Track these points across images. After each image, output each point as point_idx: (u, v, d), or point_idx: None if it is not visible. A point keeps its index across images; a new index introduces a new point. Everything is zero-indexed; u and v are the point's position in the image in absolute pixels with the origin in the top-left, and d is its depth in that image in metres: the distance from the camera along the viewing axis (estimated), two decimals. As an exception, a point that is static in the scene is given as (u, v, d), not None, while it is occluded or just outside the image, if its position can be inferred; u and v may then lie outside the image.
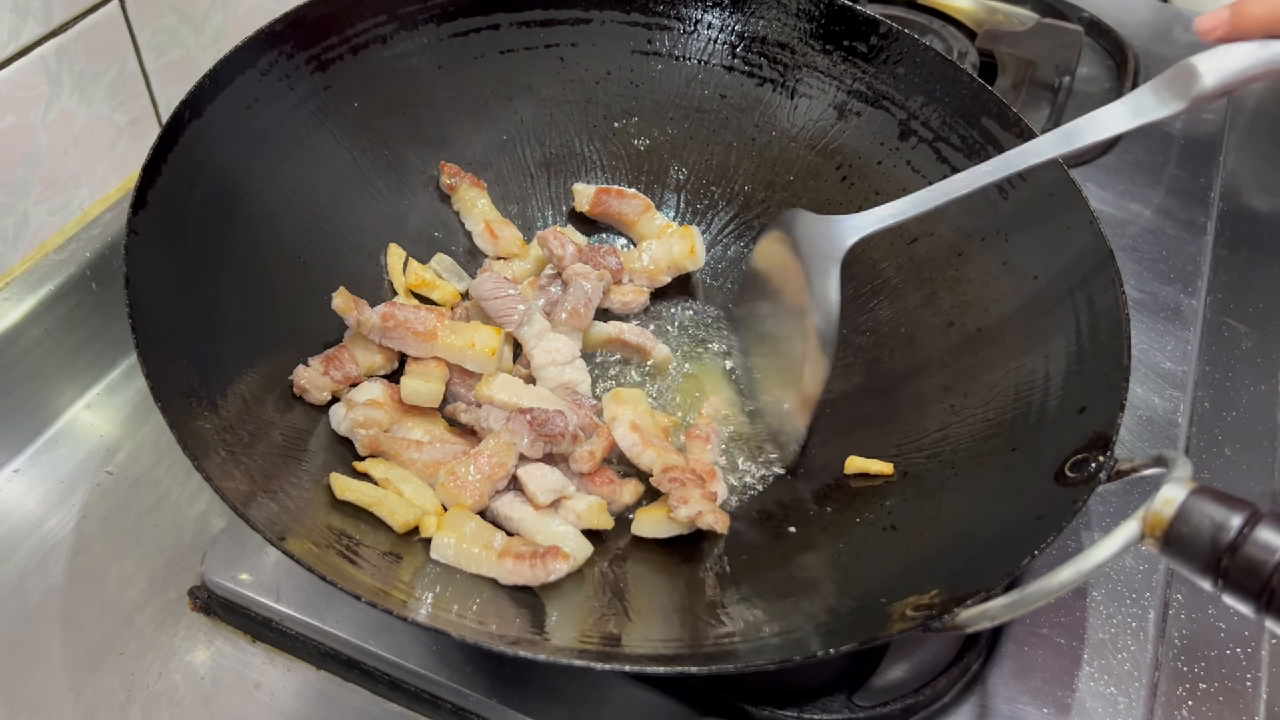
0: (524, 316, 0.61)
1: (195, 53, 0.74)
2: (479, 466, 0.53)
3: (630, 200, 0.69)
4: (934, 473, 0.56)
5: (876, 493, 0.56)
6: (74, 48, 0.65)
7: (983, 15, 1.00)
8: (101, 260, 0.68)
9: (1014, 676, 0.54)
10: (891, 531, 0.54)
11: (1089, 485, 0.48)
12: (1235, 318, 0.75)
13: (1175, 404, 0.67)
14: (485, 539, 0.51)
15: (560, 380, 0.60)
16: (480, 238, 0.67)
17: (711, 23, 0.70)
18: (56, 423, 0.66)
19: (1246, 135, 0.93)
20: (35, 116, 0.64)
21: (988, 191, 0.59)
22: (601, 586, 0.52)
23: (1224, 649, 0.57)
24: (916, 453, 0.57)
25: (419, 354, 0.59)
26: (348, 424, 0.55)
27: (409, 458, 0.55)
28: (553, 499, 0.54)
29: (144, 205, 0.51)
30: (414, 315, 0.58)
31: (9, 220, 0.65)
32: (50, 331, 0.66)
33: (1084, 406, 0.52)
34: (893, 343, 0.64)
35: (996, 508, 0.51)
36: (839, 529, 0.55)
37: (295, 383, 0.57)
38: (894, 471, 0.57)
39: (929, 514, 0.53)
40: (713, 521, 0.53)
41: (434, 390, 0.57)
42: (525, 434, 0.54)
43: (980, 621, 0.43)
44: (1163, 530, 0.40)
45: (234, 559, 0.57)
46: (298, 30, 0.60)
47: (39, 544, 0.60)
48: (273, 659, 0.56)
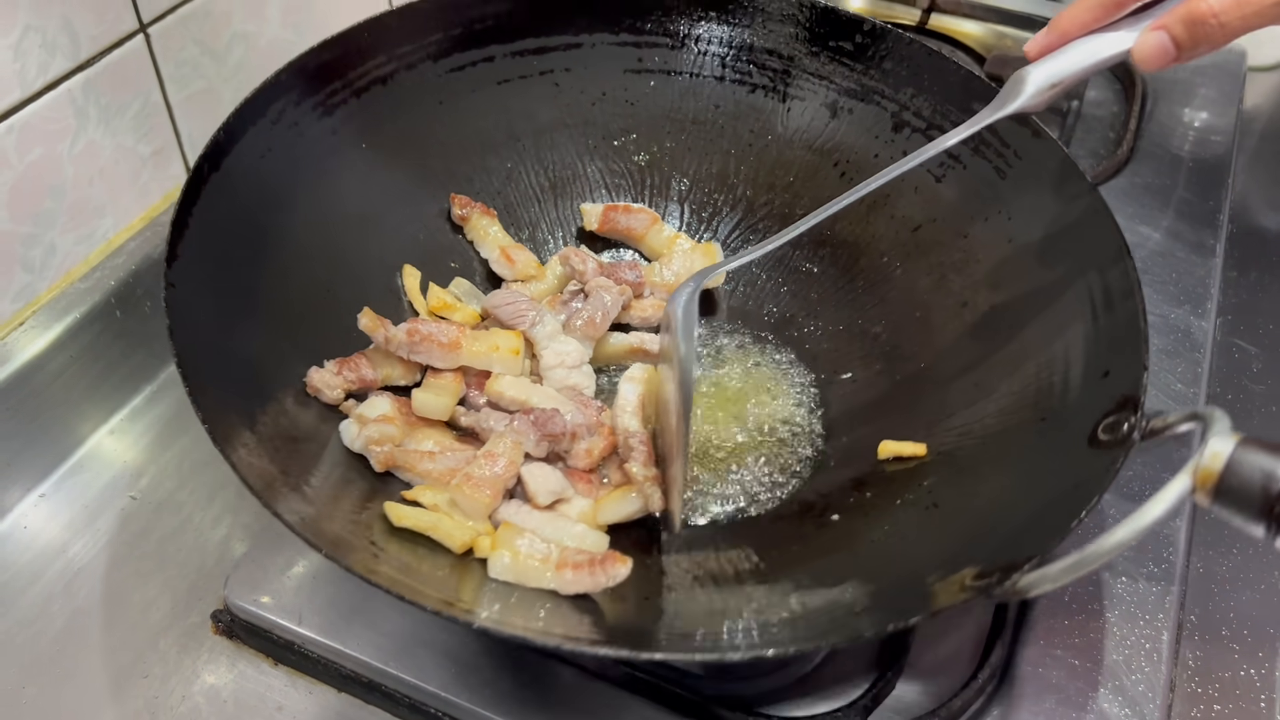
0: (536, 318, 0.62)
1: (217, 84, 0.76)
2: (491, 467, 0.54)
3: (637, 215, 0.71)
4: (967, 449, 0.57)
5: (913, 474, 0.57)
6: (100, 81, 0.67)
7: (991, 40, 1.01)
8: (125, 288, 0.69)
9: (1028, 698, 0.54)
10: (934, 510, 0.54)
11: (1124, 446, 0.48)
12: (1245, 339, 0.76)
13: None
14: (542, 552, 0.52)
15: (567, 383, 0.62)
16: (497, 264, 0.68)
17: (699, 36, 0.72)
18: (81, 448, 0.67)
19: (1255, 157, 0.94)
20: (62, 149, 0.66)
21: (985, 171, 0.63)
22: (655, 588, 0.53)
23: (1238, 670, 0.57)
24: (947, 432, 0.58)
25: (445, 365, 0.60)
26: (361, 441, 0.56)
27: (424, 469, 0.55)
28: (551, 500, 0.55)
29: (176, 258, 0.53)
30: (437, 329, 0.60)
31: (36, 250, 0.66)
32: (75, 359, 0.67)
33: (1107, 371, 0.53)
34: (909, 328, 0.65)
35: (1035, 477, 0.52)
36: (881, 513, 0.56)
37: (308, 383, 0.58)
38: (927, 452, 0.58)
39: (968, 489, 0.54)
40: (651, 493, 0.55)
41: (445, 404, 0.59)
42: (531, 433, 0.56)
43: (1041, 585, 0.43)
44: (1213, 483, 0.41)
45: (256, 582, 0.57)
46: (301, 79, 0.62)
47: (64, 568, 0.61)
48: (295, 682, 0.56)
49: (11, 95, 0.62)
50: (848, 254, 0.69)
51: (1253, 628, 0.59)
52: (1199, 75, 0.98)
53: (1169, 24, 0.51)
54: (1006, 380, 0.58)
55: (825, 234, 0.69)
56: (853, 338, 0.66)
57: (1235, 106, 0.95)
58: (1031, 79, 0.55)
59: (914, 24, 1.02)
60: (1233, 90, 0.96)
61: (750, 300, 0.70)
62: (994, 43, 1.01)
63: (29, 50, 0.62)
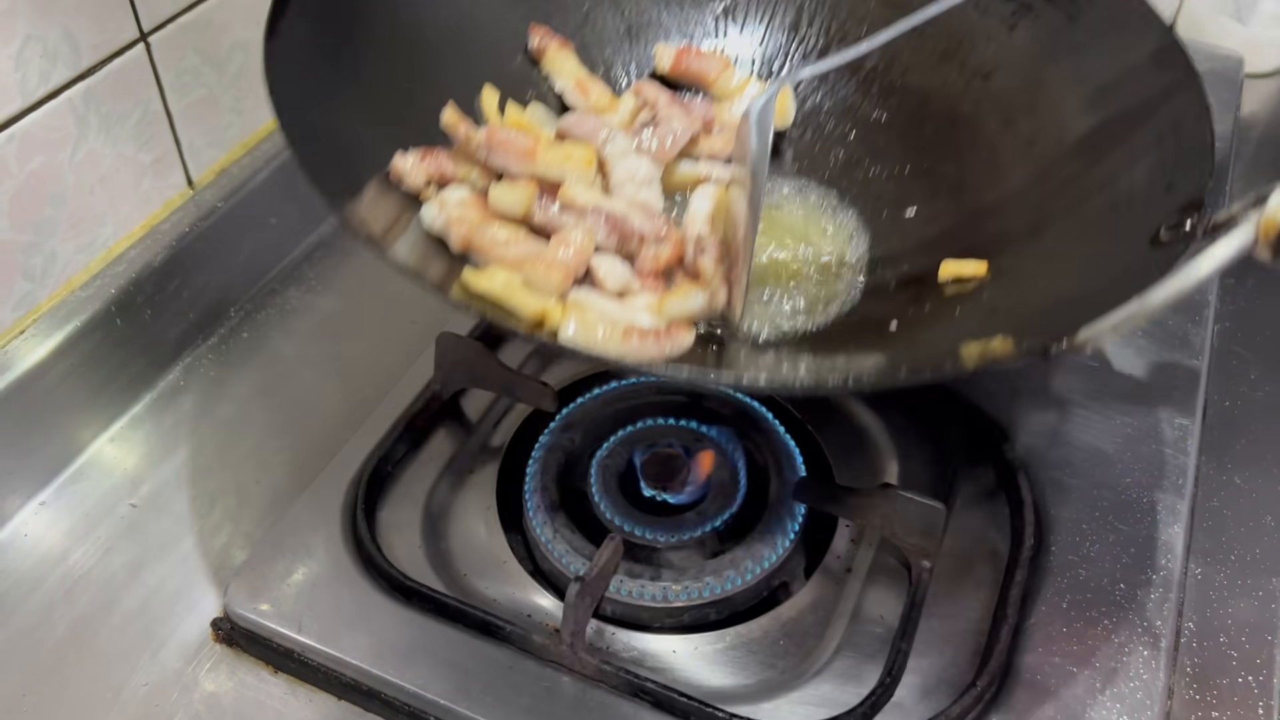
0: (609, 136, 0.64)
1: (217, 93, 0.76)
2: (564, 251, 0.57)
3: (709, 59, 0.72)
4: (1027, 265, 0.57)
5: (973, 292, 0.58)
6: (101, 90, 0.67)
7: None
8: (126, 296, 0.69)
9: (1027, 705, 0.55)
10: (992, 314, 0.55)
11: (1186, 241, 0.49)
12: (1243, 346, 0.76)
13: (1184, 433, 0.68)
14: (610, 321, 0.54)
15: (637, 198, 0.63)
16: (571, 95, 0.69)
17: None
18: (81, 456, 0.68)
19: (1252, 164, 0.94)
20: (63, 157, 0.66)
21: (1056, 18, 0.64)
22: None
23: (1236, 678, 0.57)
24: (1008, 252, 0.59)
25: (519, 171, 0.61)
26: (442, 219, 0.57)
27: (499, 252, 0.57)
28: (619, 288, 0.57)
29: (275, 35, 0.54)
30: (514, 135, 0.61)
31: (37, 258, 0.67)
32: (76, 366, 0.67)
33: (1171, 183, 0.53)
34: (975, 167, 0.65)
35: (1095, 278, 0.53)
36: (939, 320, 0.57)
37: (392, 168, 0.58)
38: (988, 270, 0.58)
39: (1027, 296, 0.55)
40: (718, 289, 0.57)
41: (520, 198, 0.60)
42: (603, 226, 0.58)
43: (1098, 337, 0.44)
44: (1276, 233, 0.42)
45: (256, 590, 0.58)
46: None
47: (64, 576, 0.61)
48: (294, 690, 0.56)
49: (12, 104, 0.62)
50: (916, 101, 0.70)
51: (1250, 635, 0.59)
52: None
53: None
54: (1071, 204, 0.59)
55: (895, 83, 0.70)
56: (918, 178, 0.68)
57: (1233, 113, 0.95)
58: None
59: None
60: (1230, 97, 0.96)
61: (817, 145, 0.71)
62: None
63: (30, 59, 0.62)
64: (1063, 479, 0.65)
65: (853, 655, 0.57)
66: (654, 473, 0.63)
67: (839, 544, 0.62)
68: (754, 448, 0.66)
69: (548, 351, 0.54)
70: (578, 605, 0.54)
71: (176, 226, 0.73)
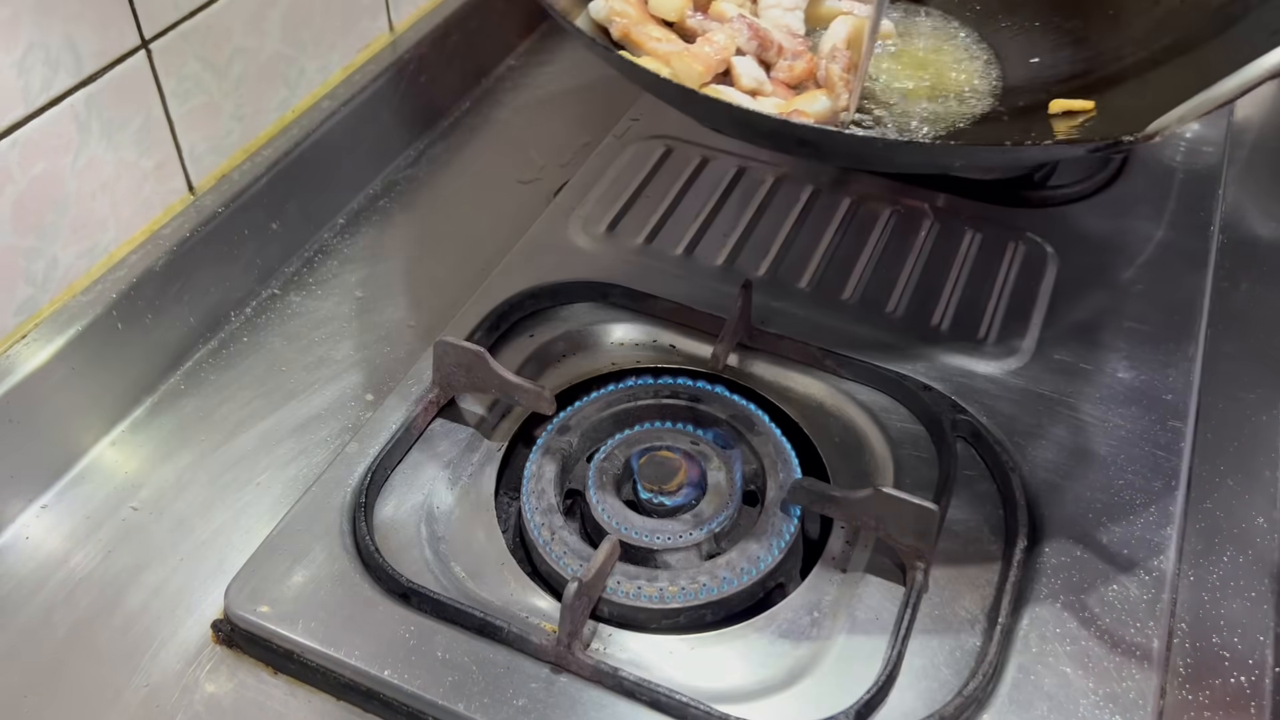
0: None
1: (218, 99, 0.77)
2: (708, 46, 0.66)
3: None
4: (1132, 105, 0.61)
5: (1079, 125, 0.62)
6: (102, 97, 0.68)
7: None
8: (127, 301, 0.70)
9: (1020, 705, 0.55)
10: (1091, 132, 0.60)
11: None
12: (1236, 349, 0.77)
13: (1177, 435, 0.68)
14: (742, 100, 0.63)
15: (781, 21, 0.70)
16: None
17: None
18: (82, 460, 0.68)
19: (1246, 169, 0.94)
20: (65, 163, 0.66)
21: None
22: None
23: (1228, 677, 0.58)
24: (1116, 94, 0.63)
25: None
26: (606, 9, 0.67)
27: (652, 45, 0.67)
28: (753, 88, 0.65)
29: None
30: None
31: (39, 264, 0.67)
32: (77, 371, 0.67)
33: (1277, 30, 0.57)
34: (1100, 22, 0.71)
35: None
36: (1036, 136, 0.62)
37: None
38: (1094, 108, 0.62)
39: (1128, 121, 0.56)
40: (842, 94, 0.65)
41: (677, 4, 0.69)
42: (745, 30, 0.67)
43: (1169, 124, 0.47)
44: None
45: (256, 592, 0.58)
46: None
47: (66, 578, 0.62)
48: (294, 690, 0.57)
49: (15, 111, 0.63)
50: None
51: (1243, 635, 0.59)
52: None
53: None
54: (1184, 56, 0.62)
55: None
56: (1046, 30, 0.73)
57: (1226, 118, 0.96)
58: None
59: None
60: (1224, 102, 0.97)
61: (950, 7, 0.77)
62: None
63: (32, 67, 0.63)
64: (1056, 480, 0.65)
65: (848, 656, 0.57)
66: (651, 475, 0.63)
67: (834, 545, 0.63)
68: (750, 450, 0.67)
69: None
70: (575, 606, 0.54)
71: (177, 231, 0.74)
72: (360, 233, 0.86)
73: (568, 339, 0.75)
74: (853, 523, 0.63)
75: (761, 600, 0.61)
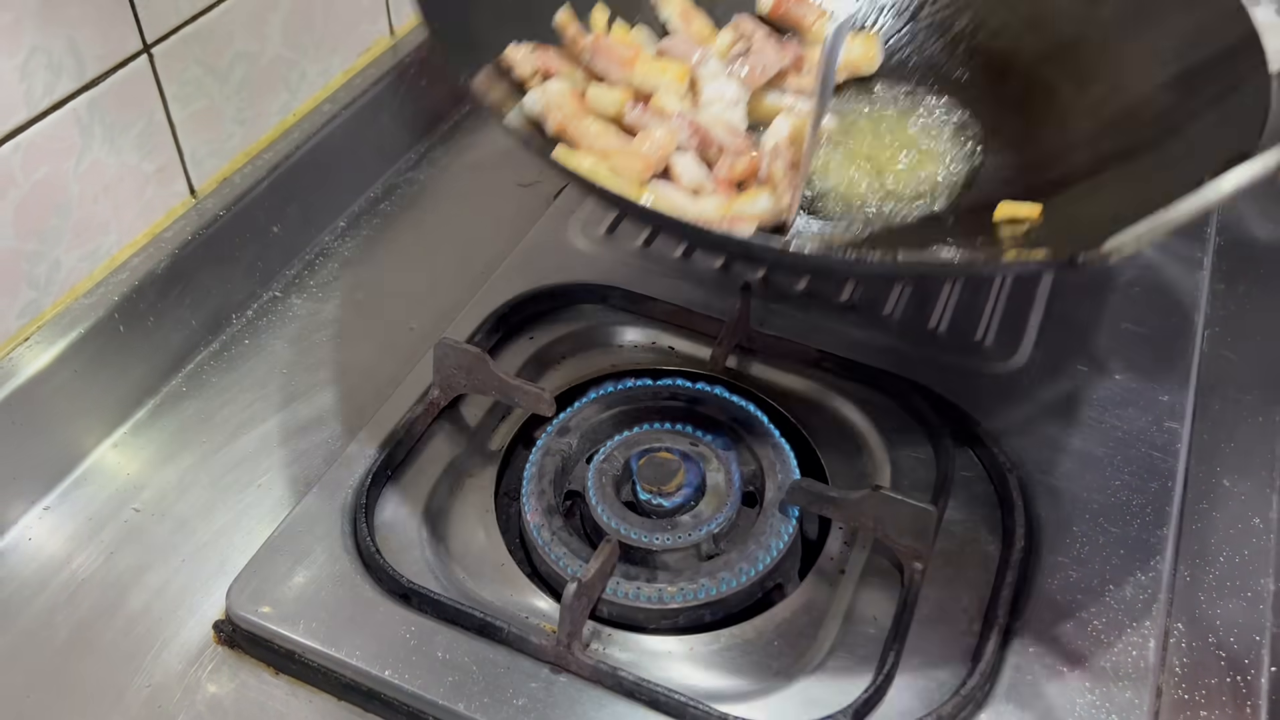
0: (703, 56, 0.68)
1: (219, 103, 0.77)
2: (648, 144, 0.62)
3: (807, 6, 0.75)
4: (1080, 209, 0.60)
5: (1025, 232, 0.60)
6: (105, 101, 0.68)
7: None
8: (129, 304, 0.70)
9: (1017, 706, 0.55)
10: (1035, 245, 0.58)
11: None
12: (1232, 351, 0.77)
13: (1173, 436, 0.68)
14: (681, 209, 0.60)
15: (722, 117, 0.67)
16: (674, 22, 0.72)
17: None
18: (85, 462, 0.68)
19: (1243, 171, 0.95)
20: (68, 167, 0.67)
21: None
22: None
23: (1224, 677, 0.58)
24: (1061, 198, 0.61)
25: (617, 78, 0.66)
26: (542, 104, 0.63)
27: (590, 141, 0.62)
28: (693, 187, 0.62)
29: None
30: (618, 44, 0.67)
31: (41, 267, 0.67)
32: (79, 373, 0.68)
33: (1225, 136, 0.55)
34: (1047, 125, 0.68)
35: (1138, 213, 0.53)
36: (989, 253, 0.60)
37: (505, 56, 0.64)
38: (1040, 215, 0.60)
39: (1073, 230, 0.57)
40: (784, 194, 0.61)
41: (616, 98, 0.65)
42: (685, 129, 0.63)
43: (1124, 246, 0.44)
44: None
45: (257, 593, 0.58)
46: None
47: (68, 580, 0.62)
48: (295, 691, 0.57)
49: (18, 115, 0.63)
50: (999, 64, 0.72)
51: (1239, 635, 0.60)
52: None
53: None
54: (1129, 160, 0.61)
55: (980, 45, 0.73)
56: (990, 132, 0.71)
57: (1223, 121, 0.96)
58: None
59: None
60: (1220, 105, 0.97)
61: (901, 92, 0.74)
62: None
63: (35, 71, 0.63)
64: (1053, 481, 0.66)
65: (846, 655, 0.57)
66: (650, 476, 0.63)
67: (832, 546, 0.63)
68: (749, 451, 0.67)
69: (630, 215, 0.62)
70: (574, 606, 0.55)
71: (179, 235, 0.74)
72: (361, 236, 0.87)
73: (567, 341, 0.76)
74: (850, 523, 0.63)
75: (760, 601, 0.62)
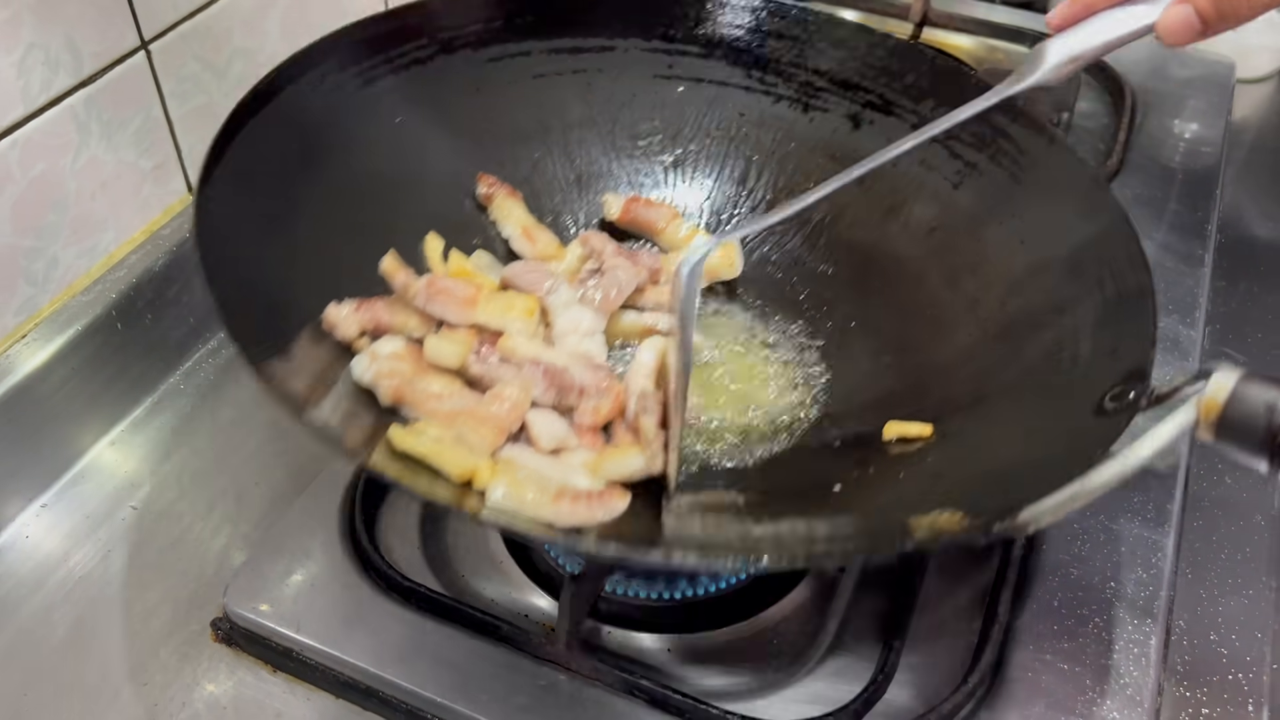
0: (553, 286, 0.63)
1: (217, 99, 0.77)
2: (498, 406, 0.55)
3: (658, 209, 0.72)
4: (972, 429, 0.57)
5: (917, 453, 0.58)
6: (102, 97, 0.68)
7: (983, 53, 1.02)
8: (126, 301, 0.70)
9: (1018, 702, 0.55)
10: (938, 478, 0.55)
11: (1130, 412, 0.49)
12: (1234, 348, 0.77)
13: (1175, 433, 0.68)
14: (540, 484, 0.52)
15: (578, 349, 0.62)
16: (518, 242, 0.69)
17: (728, 49, 0.73)
18: (82, 459, 0.68)
19: (1244, 169, 0.95)
20: (65, 163, 0.67)
21: (1001, 177, 0.65)
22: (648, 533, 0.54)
23: (1226, 675, 0.58)
24: (953, 413, 0.59)
25: (459, 321, 0.60)
26: (372, 373, 0.56)
27: (431, 406, 0.56)
28: (554, 446, 0.56)
29: (209, 181, 0.53)
30: (455, 284, 0.60)
31: (38, 264, 0.67)
32: (76, 371, 0.68)
33: (1115, 348, 0.54)
34: (919, 324, 0.66)
35: (1039, 446, 0.53)
36: (883, 485, 0.56)
37: (325, 318, 0.58)
38: (933, 433, 0.58)
39: (972, 463, 0.55)
40: (657, 452, 0.55)
41: (457, 351, 0.59)
42: (540, 380, 0.57)
43: (1040, 517, 0.44)
44: (1216, 415, 0.41)
45: (255, 590, 0.58)
46: (345, 47, 0.64)
47: (65, 578, 0.62)
48: (293, 689, 0.57)
49: (15, 111, 0.63)
50: (863, 257, 0.70)
51: (1240, 632, 0.60)
52: (1188, 87, 1.00)
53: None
54: (1015, 364, 0.59)
55: (841, 237, 0.71)
56: (864, 333, 0.68)
57: (1224, 118, 0.96)
58: (1051, 52, 0.54)
59: (907, 37, 1.03)
60: (1222, 102, 0.97)
61: (766, 296, 0.71)
62: (985, 56, 1.02)
63: (32, 67, 0.63)
64: (1054, 479, 0.65)
65: (846, 653, 0.57)
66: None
67: (833, 544, 0.63)
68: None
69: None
70: (573, 604, 0.54)
71: (177, 232, 0.74)
72: (359, 233, 0.86)
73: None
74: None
75: (760, 598, 0.62)
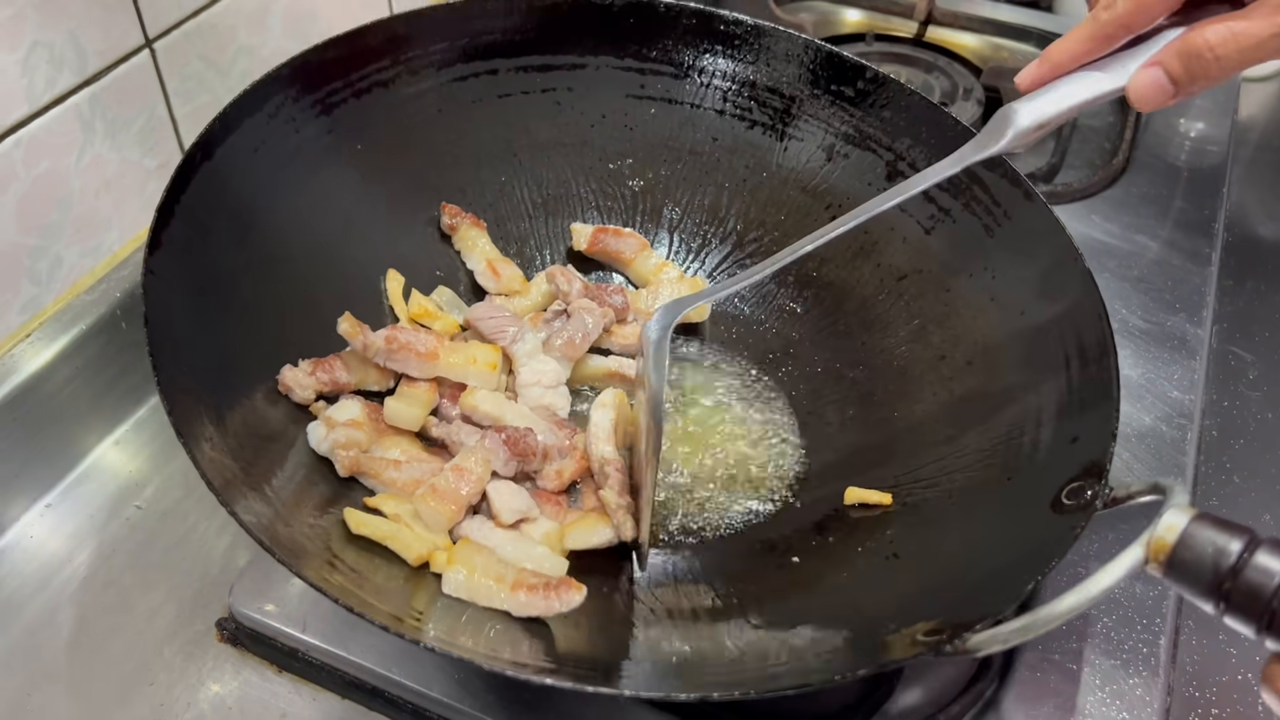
0: (517, 334, 0.62)
1: (221, 97, 0.76)
2: (458, 481, 0.55)
3: (626, 239, 0.71)
4: (933, 502, 0.57)
5: (876, 522, 0.57)
6: (106, 96, 0.68)
7: (988, 52, 1.02)
8: (131, 300, 0.70)
9: (1027, 702, 0.55)
10: (894, 560, 0.55)
11: (1086, 513, 0.49)
12: (1241, 347, 0.77)
13: (1183, 432, 0.68)
14: (497, 572, 0.52)
15: (542, 402, 0.62)
16: (482, 276, 0.68)
17: (703, 68, 0.71)
18: (86, 459, 0.68)
19: (1250, 167, 0.94)
20: (69, 162, 0.66)
21: (974, 227, 0.63)
22: (609, 618, 0.53)
23: (1235, 675, 0.58)
24: (914, 483, 0.58)
25: (420, 375, 0.60)
26: (328, 444, 0.56)
27: (389, 477, 0.56)
28: (515, 519, 0.55)
29: (159, 245, 0.53)
30: (415, 338, 0.60)
31: (42, 262, 0.67)
32: (81, 370, 0.67)
33: (1076, 436, 0.54)
34: (885, 377, 0.65)
35: (997, 536, 0.52)
36: (842, 559, 0.56)
37: (280, 380, 0.58)
38: (893, 502, 0.58)
39: (930, 543, 0.54)
40: (624, 522, 0.55)
41: (416, 415, 0.59)
42: (501, 451, 0.56)
43: (991, 645, 0.44)
44: (1166, 555, 0.41)
45: (260, 590, 0.58)
46: (302, 75, 0.62)
47: (70, 577, 0.62)
48: (298, 689, 0.57)
49: (19, 110, 0.63)
50: (832, 297, 0.69)
51: (1250, 632, 0.59)
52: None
53: (1165, 60, 0.50)
54: (977, 437, 0.58)
55: (811, 275, 0.70)
56: (830, 381, 0.67)
57: (1230, 117, 0.95)
58: (1017, 119, 0.53)
59: (911, 36, 1.03)
60: (1228, 101, 0.97)
61: (734, 333, 0.70)
62: (990, 54, 1.02)
63: (37, 65, 0.63)
64: (1062, 479, 0.65)
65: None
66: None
67: (839, 544, 0.62)
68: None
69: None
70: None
71: (181, 231, 0.74)
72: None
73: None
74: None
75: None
